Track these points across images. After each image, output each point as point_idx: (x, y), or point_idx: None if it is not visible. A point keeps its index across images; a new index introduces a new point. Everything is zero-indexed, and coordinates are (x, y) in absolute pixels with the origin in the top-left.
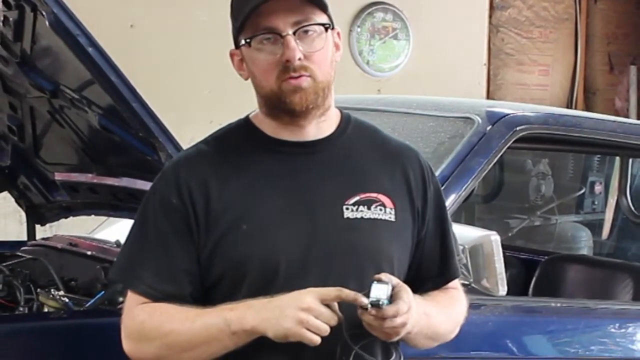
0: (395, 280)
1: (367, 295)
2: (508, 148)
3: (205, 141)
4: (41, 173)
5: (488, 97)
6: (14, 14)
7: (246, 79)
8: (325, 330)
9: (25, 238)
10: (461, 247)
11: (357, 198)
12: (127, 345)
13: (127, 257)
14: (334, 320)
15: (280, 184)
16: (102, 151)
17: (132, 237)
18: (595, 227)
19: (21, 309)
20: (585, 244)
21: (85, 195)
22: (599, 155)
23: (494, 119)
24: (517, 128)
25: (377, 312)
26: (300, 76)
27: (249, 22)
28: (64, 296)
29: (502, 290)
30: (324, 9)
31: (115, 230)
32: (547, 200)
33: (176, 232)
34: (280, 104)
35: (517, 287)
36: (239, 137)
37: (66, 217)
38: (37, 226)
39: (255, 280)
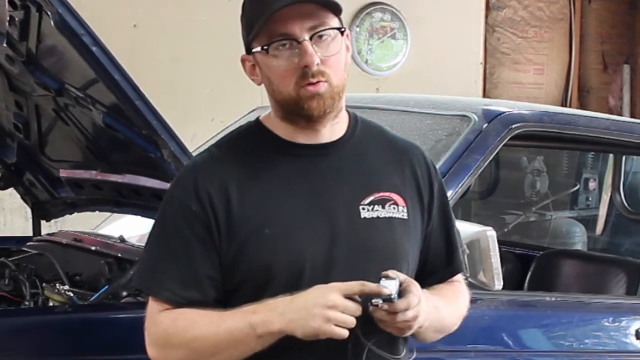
0: (402, 276)
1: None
2: (504, 145)
3: (217, 145)
4: (47, 170)
5: (484, 95)
6: (20, 14)
7: (259, 85)
8: (352, 323)
9: (31, 234)
10: None
11: (372, 198)
12: (153, 353)
13: (148, 265)
14: (359, 312)
15: (298, 187)
16: (106, 149)
17: (153, 245)
18: (589, 223)
19: (27, 303)
20: (579, 240)
21: (89, 192)
22: (593, 153)
23: (491, 117)
24: (513, 126)
25: (389, 307)
26: (318, 82)
27: (264, 28)
28: (69, 291)
29: (499, 284)
30: (337, 13)
31: (119, 226)
32: (543, 196)
33: (198, 238)
34: (299, 109)
35: (513, 281)
36: (252, 141)
37: (71, 214)
38: (43, 222)
39: (282, 283)
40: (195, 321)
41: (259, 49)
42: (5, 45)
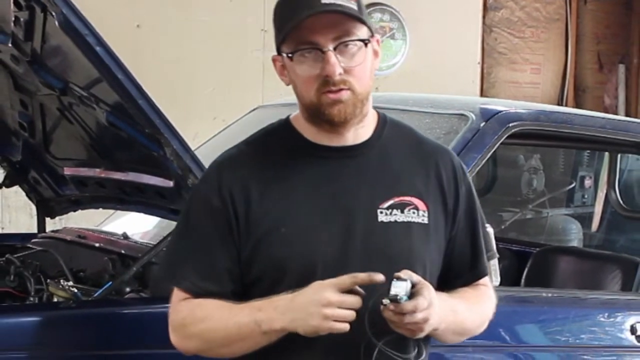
0: (416, 277)
1: (387, 292)
2: (501, 144)
3: (246, 142)
4: (51, 168)
5: (482, 94)
6: (24, 15)
7: (287, 85)
8: (352, 315)
9: (35, 230)
10: None
11: (391, 202)
12: (172, 338)
13: (171, 256)
14: (358, 304)
15: (318, 188)
16: (109, 147)
17: (176, 236)
18: (585, 219)
19: (32, 299)
20: (575, 236)
21: (93, 189)
22: (588, 151)
23: (488, 115)
24: (510, 124)
25: (395, 307)
26: (339, 90)
27: (291, 35)
28: (73, 286)
29: (496, 280)
30: (364, 22)
31: (123, 223)
32: (539, 194)
33: (218, 232)
34: (320, 114)
35: (509, 277)
36: (279, 140)
37: (75, 211)
38: (47, 219)
39: (294, 281)
40: (210, 313)
41: (285, 55)
42: (10, 45)
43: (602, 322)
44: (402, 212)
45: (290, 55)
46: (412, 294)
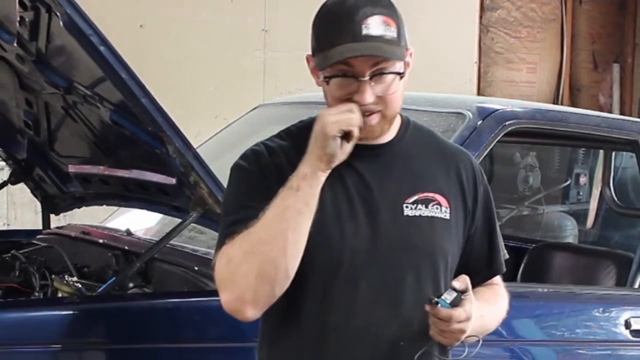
0: (468, 288)
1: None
2: (498, 142)
3: (280, 135)
4: (55, 165)
5: (479, 93)
6: (29, 15)
7: (318, 85)
8: (357, 119)
9: (40, 227)
10: None
11: (415, 197)
12: (223, 295)
13: (222, 232)
14: (354, 111)
15: (347, 182)
16: (113, 145)
17: (224, 215)
18: (580, 216)
19: (37, 294)
20: (570, 233)
21: (97, 186)
22: (583, 149)
23: (485, 114)
24: (506, 123)
25: (430, 309)
26: (370, 114)
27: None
28: (77, 282)
29: None
30: (403, 48)
31: (126, 219)
32: (535, 191)
33: (266, 190)
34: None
35: (506, 273)
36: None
37: (79, 207)
38: (52, 215)
39: (322, 268)
40: (249, 229)
41: (322, 76)
42: (15, 44)
43: (597, 317)
44: (427, 207)
45: (326, 79)
46: (458, 303)
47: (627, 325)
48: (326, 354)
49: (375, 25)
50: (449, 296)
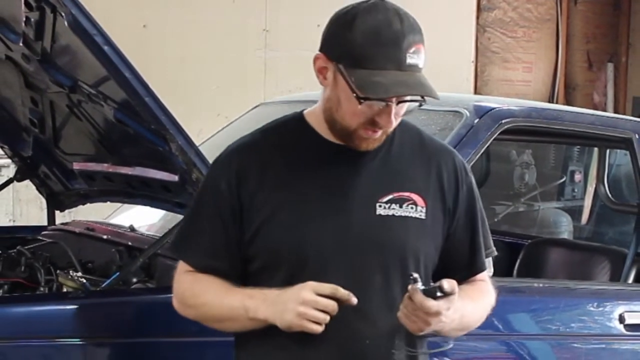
0: (448, 288)
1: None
2: (494, 139)
3: (259, 131)
4: (60, 163)
5: (475, 92)
6: (35, 15)
7: (322, 85)
8: (324, 319)
9: (45, 223)
10: None
11: (390, 197)
12: (174, 304)
13: (181, 231)
14: (331, 307)
15: (320, 180)
16: (117, 142)
17: (188, 215)
18: (575, 213)
19: (42, 289)
20: (565, 229)
21: (101, 183)
22: (578, 146)
23: (481, 112)
24: (503, 121)
25: (411, 288)
26: (379, 130)
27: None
28: (81, 277)
29: (489, 271)
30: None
31: (129, 216)
32: (531, 188)
33: (222, 215)
34: (348, 139)
35: (502, 268)
36: (291, 132)
37: (83, 204)
38: (57, 212)
39: (289, 266)
40: (207, 289)
41: (348, 88)
42: (21, 44)
43: (592, 312)
44: (401, 206)
45: (360, 98)
46: (433, 295)
47: (621, 319)
48: (293, 352)
49: (417, 55)
50: (427, 287)
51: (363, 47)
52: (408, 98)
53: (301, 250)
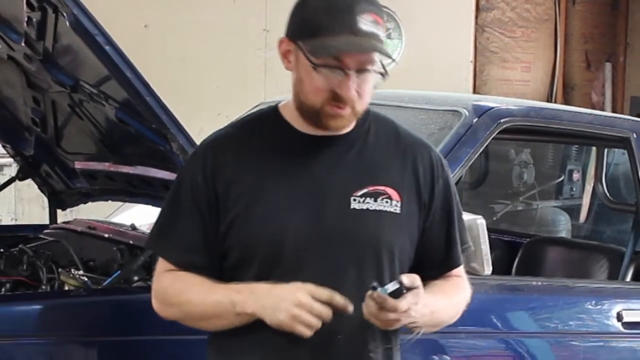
0: (409, 283)
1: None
2: (493, 139)
3: (234, 125)
4: (62, 162)
5: (474, 91)
6: (37, 15)
7: (288, 69)
8: (316, 325)
9: (47, 222)
10: None
11: (365, 190)
12: (154, 305)
13: (158, 227)
14: (325, 314)
15: (295, 173)
16: (118, 141)
17: (164, 209)
18: (573, 211)
19: (44, 287)
20: (564, 227)
21: (102, 182)
22: (576, 146)
23: (480, 112)
24: (501, 120)
25: (377, 298)
26: (344, 106)
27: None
28: (83, 275)
29: (488, 269)
30: (389, 55)
31: (131, 214)
32: (529, 186)
33: (199, 208)
34: (317, 119)
35: (501, 267)
36: (265, 125)
37: (85, 203)
38: (58, 211)
39: (263, 259)
40: (190, 286)
41: (306, 60)
42: (23, 44)
43: (590, 310)
44: (375, 200)
45: (314, 65)
46: (400, 294)
47: (619, 317)
48: (266, 346)
49: (370, 22)
50: (391, 287)
51: (316, 17)
52: (369, 69)
53: (275, 244)
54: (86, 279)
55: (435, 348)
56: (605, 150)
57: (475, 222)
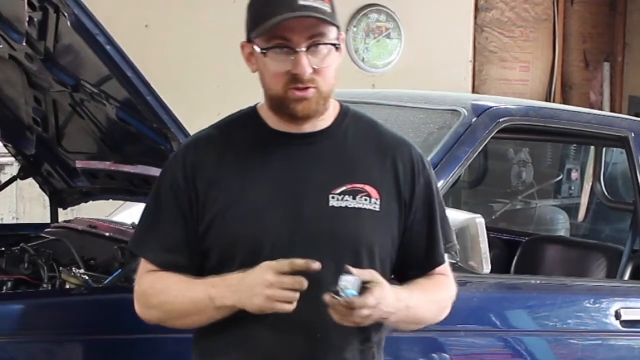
0: (368, 275)
1: (336, 284)
2: (492, 138)
3: (215, 126)
4: (63, 161)
5: (473, 91)
6: (38, 15)
7: (254, 72)
8: (294, 297)
9: (48, 221)
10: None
11: (344, 188)
12: (136, 308)
13: (140, 228)
14: (299, 284)
15: (274, 172)
16: (119, 141)
17: (146, 211)
18: (572, 210)
19: (45, 285)
20: (562, 226)
21: (103, 181)
22: (575, 145)
23: (479, 111)
24: (500, 120)
25: (346, 302)
26: (307, 88)
27: (266, 32)
28: (84, 274)
29: (487, 268)
30: (337, 25)
31: (131, 213)
32: (528, 186)
33: (180, 209)
34: (285, 108)
35: (500, 266)
36: (244, 125)
37: (86, 202)
38: (60, 210)
39: (243, 258)
40: (169, 287)
41: (257, 49)
42: (24, 44)
43: (588, 308)
44: (354, 198)
45: (264, 51)
46: (364, 289)
47: (617, 316)
48: (247, 344)
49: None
50: (349, 284)
51: (259, 9)
52: (320, 43)
53: (255, 243)
54: (87, 278)
55: (435, 346)
56: (604, 149)
57: (474, 221)
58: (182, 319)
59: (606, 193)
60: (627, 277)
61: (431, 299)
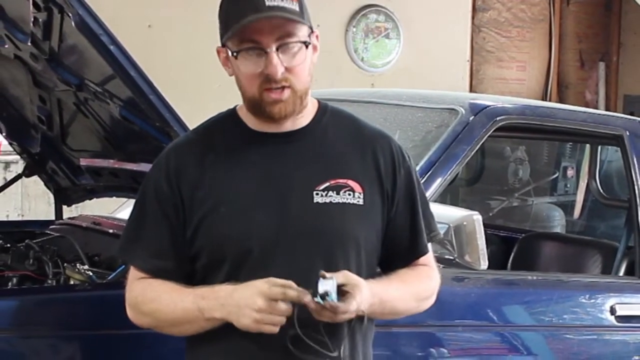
0: (342, 278)
1: (316, 291)
2: (489, 136)
3: (195, 130)
4: (68, 159)
5: (471, 90)
6: (43, 15)
7: (231, 75)
8: (281, 321)
9: (53, 217)
10: (446, 226)
11: (327, 184)
12: (128, 313)
13: (127, 235)
14: (287, 312)
15: (257, 172)
16: (122, 139)
17: (131, 217)
18: (567, 207)
19: (50, 281)
20: (558, 223)
21: (107, 179)
22: (571, 143)
23: (476, 110)
24: (497, 118)
25: (331, 307)
26: (281, 88)
27: (236, 34)
28: (88, 270)
29: (484, 264)
30: (305, 23)
31: None
32: (524, 183)
33: (165, 214)
34: (261, 110)
35: (497, 262)
36: (224, 128)
37: (90, 199)
38: (64, 207)
39: (232, 258)
40: (160, 295)
41: (229, 52)
42: (29, 44)
43: (584, 304)
44: (338, 193)
45: (235, 54)
46: (341, 292)
47: (612, 311)
48: (239, 342)
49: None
50: (329, 287)
51: (227, 12)
52: (289, 42)
53: (243, 243)
54: (91, 274)
55: (433, 341)
56: (599, 147)
57: (471, 218)
58: (174, 327)
59: (601, 190)
60: (621, 273)
61: (410, 290)
